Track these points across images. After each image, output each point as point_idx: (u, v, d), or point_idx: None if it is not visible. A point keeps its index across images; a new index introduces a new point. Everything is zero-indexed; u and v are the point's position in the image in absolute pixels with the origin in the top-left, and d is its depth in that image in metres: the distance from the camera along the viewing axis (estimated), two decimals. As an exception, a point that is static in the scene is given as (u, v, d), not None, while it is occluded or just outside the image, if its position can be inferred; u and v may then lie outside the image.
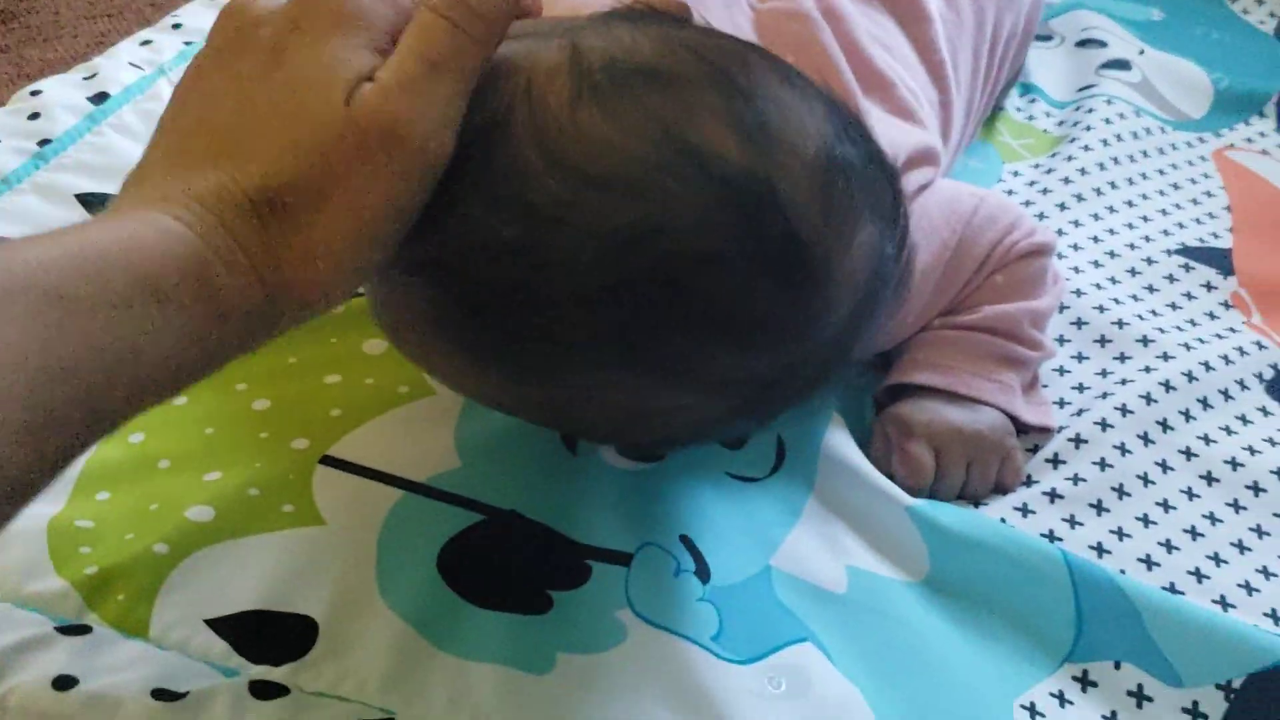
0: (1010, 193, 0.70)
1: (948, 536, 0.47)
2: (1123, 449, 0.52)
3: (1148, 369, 0.56)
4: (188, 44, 0.72)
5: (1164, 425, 0.53)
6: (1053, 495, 0.50)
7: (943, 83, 0.59)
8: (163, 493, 0.46)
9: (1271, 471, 0.52)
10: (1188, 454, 0.52)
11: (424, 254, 0.34)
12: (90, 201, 0.60)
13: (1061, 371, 0.57)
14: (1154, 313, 0.61)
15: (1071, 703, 0.43)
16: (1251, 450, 0.53)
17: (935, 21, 0.60)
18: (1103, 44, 0.82)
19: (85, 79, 0.68)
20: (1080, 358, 0.57)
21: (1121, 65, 0.80)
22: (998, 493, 0.51)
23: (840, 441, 0.51)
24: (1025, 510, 0.50)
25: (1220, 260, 0.65)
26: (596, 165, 0.33)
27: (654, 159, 0.33)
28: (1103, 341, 0.58)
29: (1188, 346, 0.57)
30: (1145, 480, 0.51)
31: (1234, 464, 0.52)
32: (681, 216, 0.33)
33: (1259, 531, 0.50)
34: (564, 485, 0.47)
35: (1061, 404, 0.55)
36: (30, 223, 0.58)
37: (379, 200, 0.31)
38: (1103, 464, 0.51)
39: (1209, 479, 0.51)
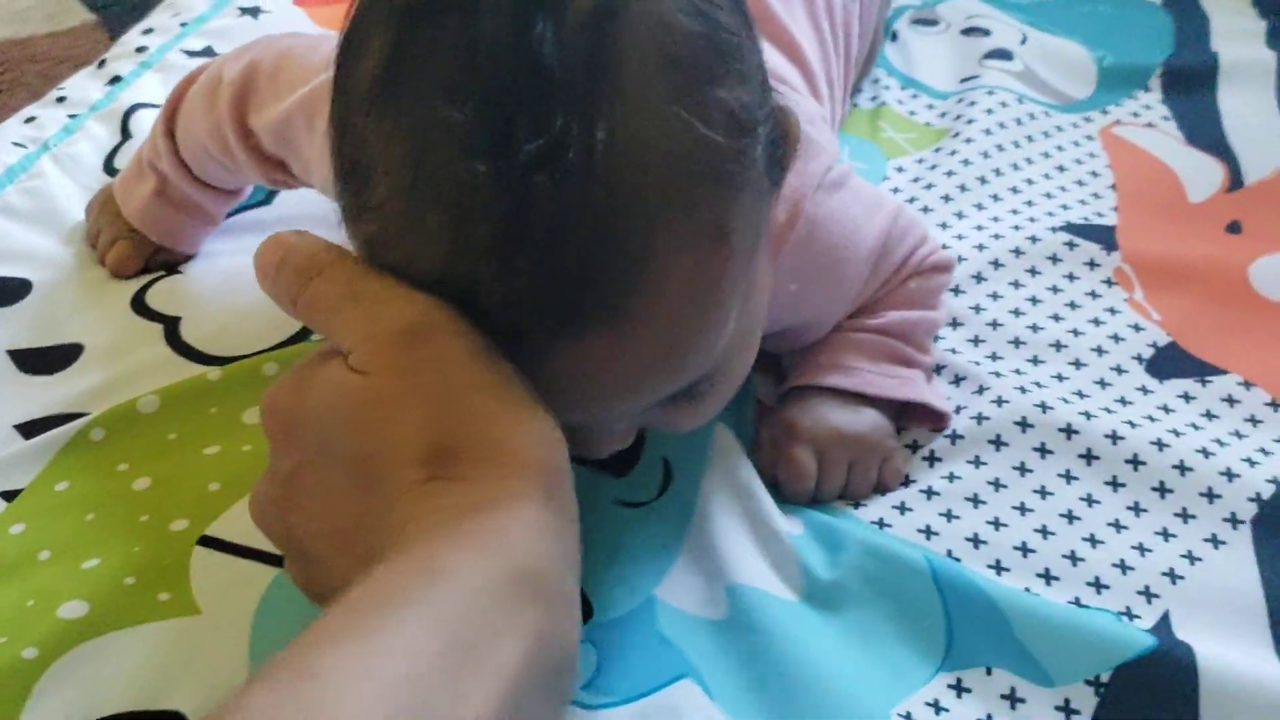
0: (895, 189, 0.70)
1: (823, 554, 0.48)
2: (998, 442, 0.52)
3: (1018, 370, 0.57)
4: (71, 116, 0.73)
5: (1043, 407, 0.54)
6: (929, 493, 0.51)
7: (799, 57, 0.59)
8: (40, 587, 0.46)
9: (1151, 443, 0.52)
10: (1068, 432, 0.52)
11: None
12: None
13: (938, 369, 0.57)
14: (1033, 300, 0.61)
15: (947, 710, 0.44)
16: (1131, 424, 0.53)
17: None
18: (986, 32, 0.82)
19: (-33, 167, 0.68)
20: (954, 351, 0.58)
21: (1004, 55, 0.81)
22: (878, 492, 0.52)
23: (726, 456, 0.51)
24: (903, 508, 0.51)
25: (1104, 236, 0.65)
26: None
27: None
28: (976, 341, 0.59)
29: (1058, 346, 0.58)
30: (1022, 469, 0.52)
31: (1114, 437, 0.52)
32: None
33: (1136, 509, 0.50)
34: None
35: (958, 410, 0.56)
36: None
37: None
38: (977, 461, 0.52)
39: (1089, 457, 0.52)
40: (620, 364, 0.35)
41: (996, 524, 0.50)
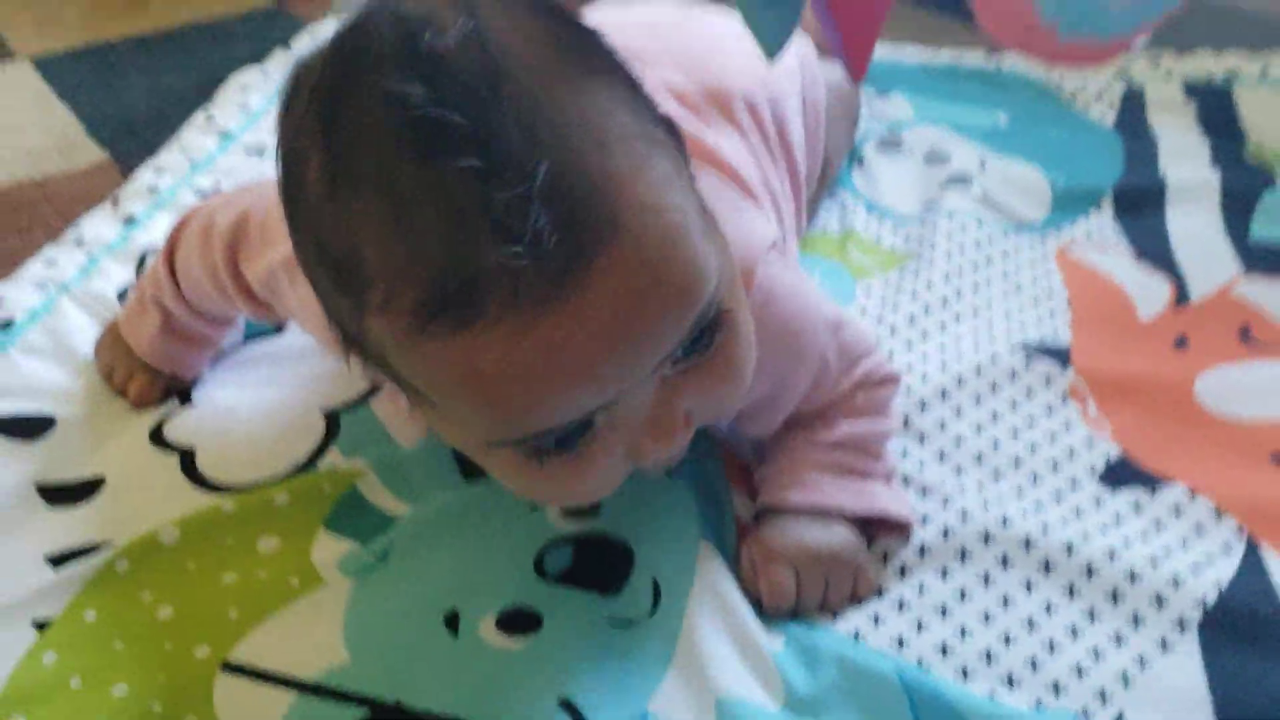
0: (863, 310, 0.75)
1: (802, 669, 0.51)
2: (964, 554, 0.56)
3: (981, 484, 0.61)
4: (89, 258, 0.77)
5: (1004, 521, 0.58)
6: (901, 604, 0.55)
7: (729, 170, 0.63)
8: (73, 714, 0.49)
9: (1104, 553, 0.56)
10: (1027, 545, 0.57)
11: None
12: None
13: (906, 482, 0.61)
14: (994, 416, 0.65)
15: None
16: (1086, 535, 0.57)
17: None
18: (946, 158, 0.88)
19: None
20: (921, 465, 0.62)
21: (963, 180, 0.86)
22: (854, 603, 0.56)
23: (710, 573, 0.55)
24: (877, 620, 0.54)
25: (1059, 354, 0.70)
26: None
27: None
28: (941, 456, 0.63)
29: (1017, 461, 0.62)
30: (986, 579, 0.55)
31: (1070, 548, 0.56)
32: None
33: (1091, 615, 0.54)
34: (446, 670, 0.51)
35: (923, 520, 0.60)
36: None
37: None
38: (944, 572, 0.56)
39: (1047, 567, 0.56)
40: (635, 275, 0.39)
41: (963, 632, 0.53)
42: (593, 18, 0.48)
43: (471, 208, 0.37)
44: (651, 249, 0.39)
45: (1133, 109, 0.96)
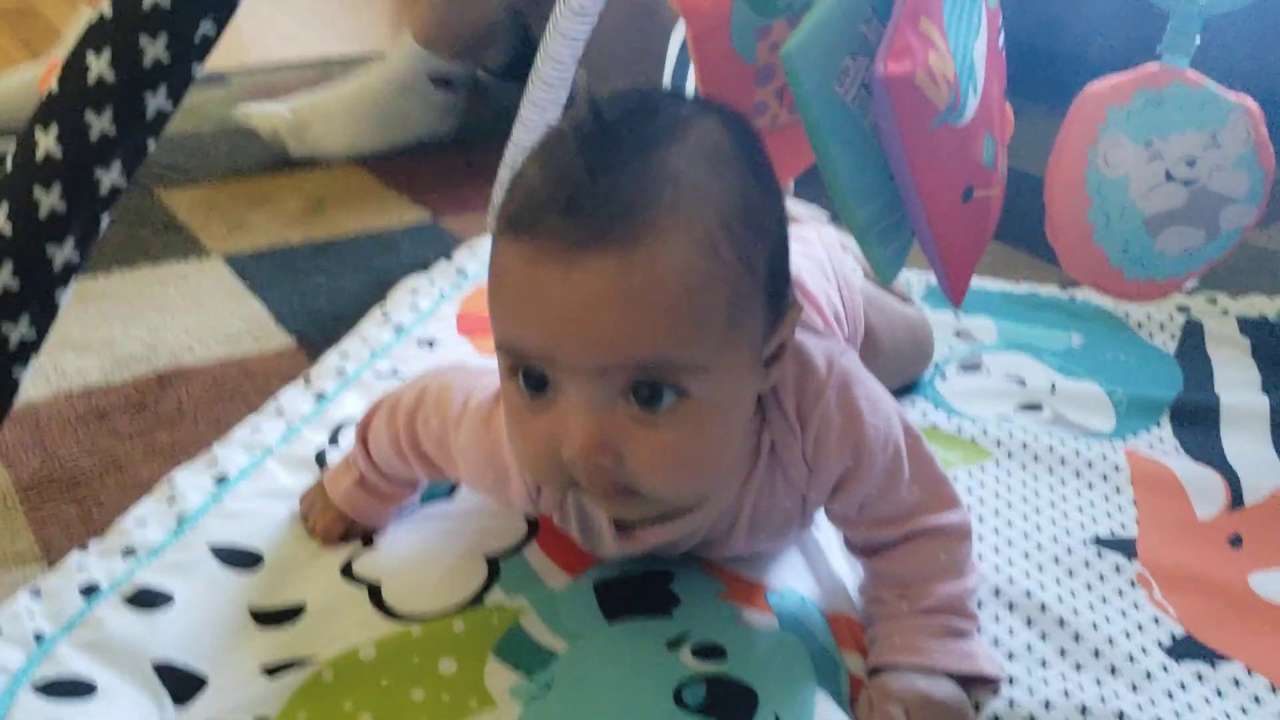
0: (953, 500, 0.85)
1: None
2: (1047, 704, 0.65)
3: (1063, 651, 0.70)
4: (290, 428, 0.91)
5: (1080, 687, 0.66)
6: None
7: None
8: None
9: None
10: (1083, 710, 0.65)
11: None
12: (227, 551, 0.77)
13: (995, 642, 0.70)
14: (1072, 593, 0.75)
15: None
16: (1152, 701, 0.66)
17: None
18: (1022, 383, 1.00)
19: (208, 465, 0.86)
20: (1011, 632, 0.71)
21: (1034, 408, 0.98)
22: None
23: (828, 714, 0.64)
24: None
25: (1127, 547, 0.80)
26: None
27: None
28: (1029, 622, 0.72)
29: (1095, 626, 0.72)
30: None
31: (1121, 717, 0.64)
32: None
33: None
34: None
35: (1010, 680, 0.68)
36: (176, 571, 0.74)
37: None
38: (1026, 725, 0.65)
39: None
40: (625, 286, 0.52)
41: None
42: None
43: (566, 183, 0.54)
44: (648, 281, 0.52)
45: (1193, 339, 1.08)
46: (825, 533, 0.80)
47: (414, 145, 1.67)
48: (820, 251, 0.86)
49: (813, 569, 0.77)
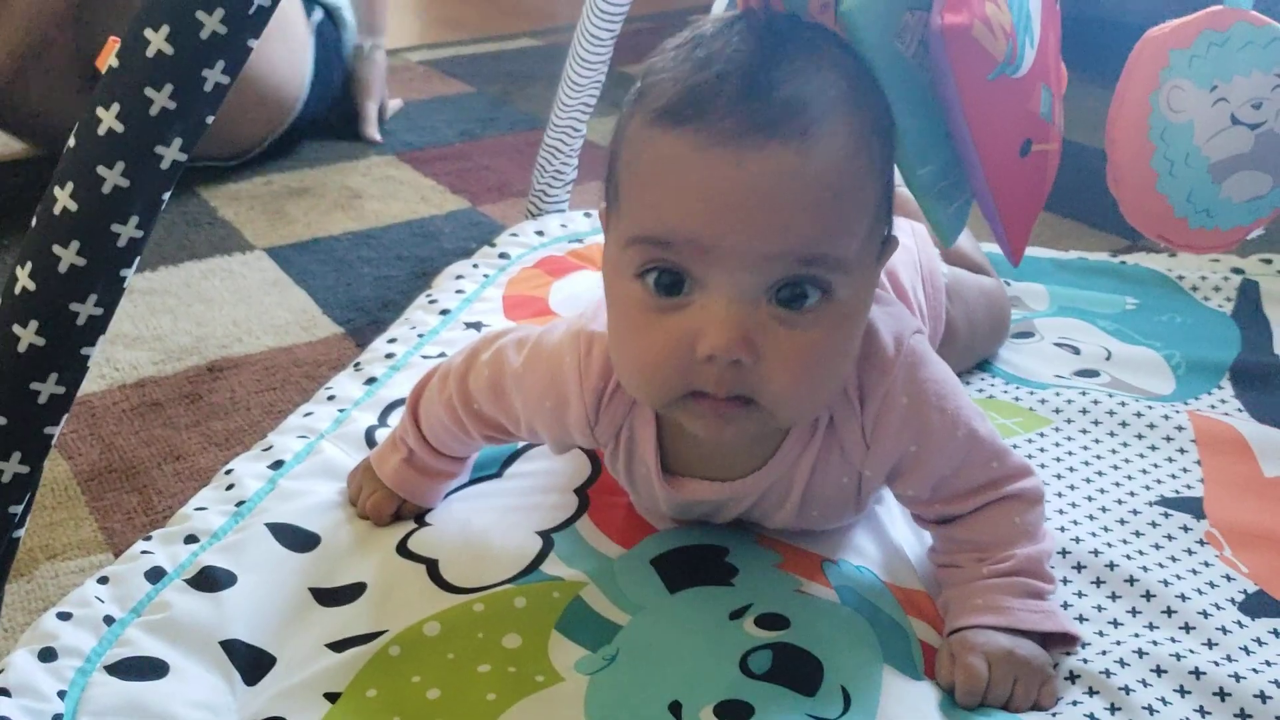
0: (1014, 466, 0.84)
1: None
2: (1125, 689, 0.63)
3: (1134, 610, 0.69)
4: (341, 411, 0.91)
5: (1154, 644, 0.65)
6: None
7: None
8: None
9: (1272, 681, 0.62)
10: (1158, 670, 0.64)
11: None
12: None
13: (1065, 605, 0.69)
14: (1140, 553, 0.74)
15: None
16: (1216, 662, 0.64)
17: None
18: (1076, 350, 0.99)
19: (264, 451, 0.87)
20: (1080, 594, 0.70)
21: (1091, 374, 0.96)
22: (1036, 709, 0.63)
23: (896, 686, 0.64)
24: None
25: (1194, 507, 0.78)
26: None
27: None
28: (1098, 582, 0.71)
29: (1166, 583, 0.70)
30: (1127, 690, 0.63)
31: (1237, 677, 0.63)
32: None
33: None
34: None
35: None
36: (237, 552, 0.75)
37: None
38: (1090, 691, 0.64)
39: (1221, 694, 0.62)
40: (801, 175, 0.54)
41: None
42: None
43: (734, 74, 0.55)
44: (818, 172, 0.54)
45: (1249, 300, 1.06)
46: (886, 505, 0.79)
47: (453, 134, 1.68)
48: (912, 244, 0.86)
49: (873, 540, 0.76)
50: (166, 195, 0.54)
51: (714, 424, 0.60)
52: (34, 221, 0.53)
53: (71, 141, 0.52)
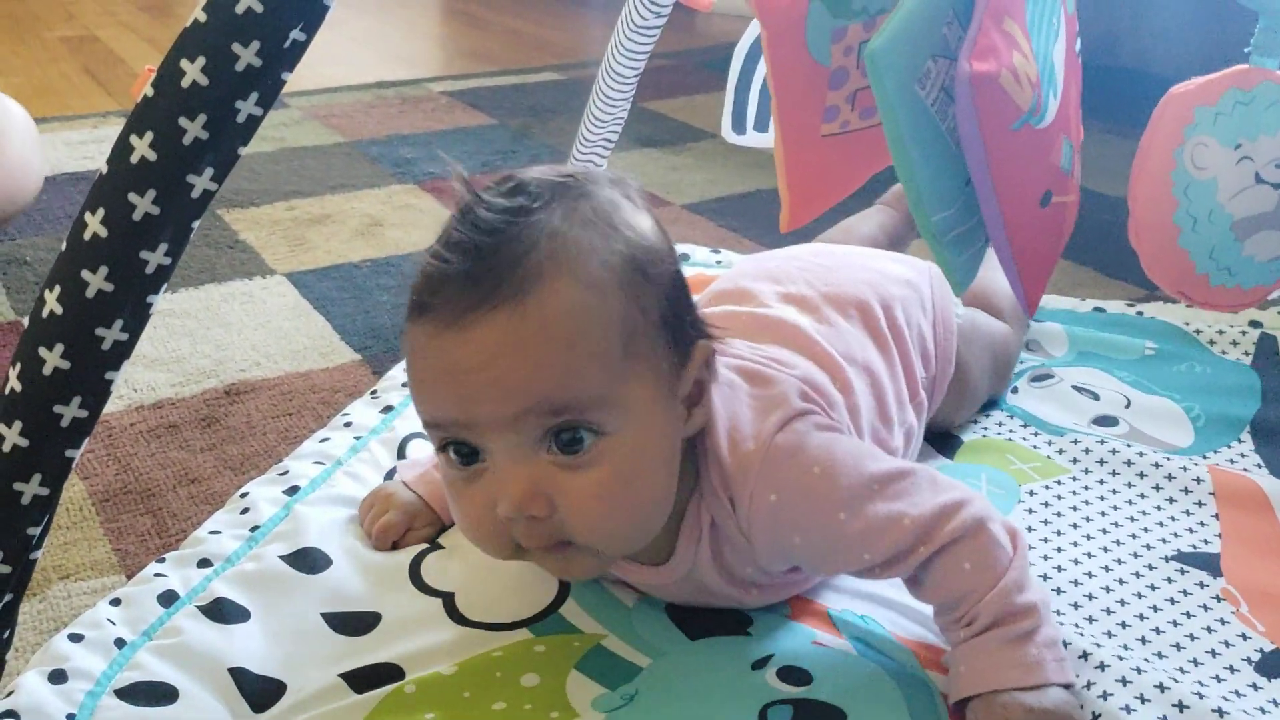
0: (1030, 510, 0.84)
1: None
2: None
3: (1147, 659, 0.68)
4: (357, 438, 0.92)
5: (1180, 707, 0.65)
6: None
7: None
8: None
9: None
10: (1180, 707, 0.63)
11: None
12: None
13: (1084, 657, 0.68)
14: (1155, 609, 0.73)
15: None
16: (1246, 714, 0.63)
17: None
18: (1095, 396, 0.99)
19: (280, 475, 0.87)
20: (1098, 644, 0.69)
21: (1110, 422, 0.96)
22: None
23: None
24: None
25: (1210, 564, 0.78)
26: None
27: None
28: (1110, 633, 0.71)
29: (1178, 646, 0.70)
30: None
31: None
32: None
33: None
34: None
35: (1088, 685, 0.66)
36: (250, 581, 0.75)
37: None
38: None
39: None
40: (520, 332, 0.56)
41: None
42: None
43: (463, 252, 0.58)
44: (539, 327, 0.57)
45: (1267, 354, 1.06)
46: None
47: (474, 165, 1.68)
48: (923, 285, 0.86)
49: (871, 586, 0.76)
50: (196, 224, 0.55)
51: (557, 566, 0.64)
52: (64, 246, 0.54)
53: (104, 168, 0.53)
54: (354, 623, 0.73)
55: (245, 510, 0.82)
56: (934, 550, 0.65)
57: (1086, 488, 0.86)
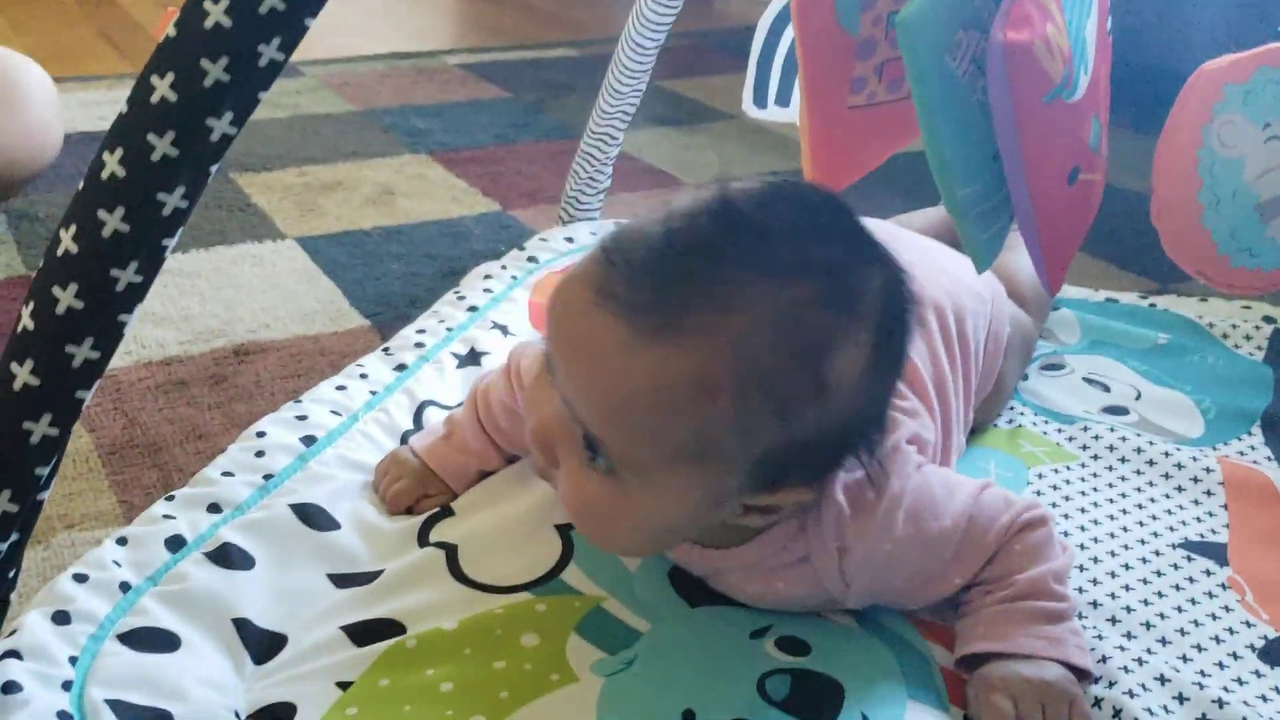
0: (1038, 493, 0.84)
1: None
2: (1150, 711, 0.63)
3: (1149, 650, 0.68)
4: (374, 393, 0.91)
5: (1180, 699, 0.65)
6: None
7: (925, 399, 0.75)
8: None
9: None
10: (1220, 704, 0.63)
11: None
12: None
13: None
14: (1160, 595, 0.73)
15: None
16: (1246, 704, 0.63)
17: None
18: (1106, 388, 0.98)
19: (297, 419, 0.86)
20: (1099, 637, 0.70)
21: (1120, 411, 0.96)
22: None
23: (919, 712, 0.63)
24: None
25: (1217, 553, 0.78)
26: None
27: None
28: (1113, 620, 0.71)
29: (1183, 631, 0.70)
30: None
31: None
32: None
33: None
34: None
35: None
36: (258, 530, 0.74)
37: None
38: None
39: None
40: (612, 359, 0.55)
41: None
42: None
43: (644, 249, 0.56)
44: (631, 367, 0.55)
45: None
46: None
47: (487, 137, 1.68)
48: (989, 303, 0.86)
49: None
50: (214, 168, 0.54)
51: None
52: (81, 185, 0.53)
53: (124, 108, 0.53)
54: (357, 579, 0.73)
55: (260, 454, 0.81)
56: (1002, 543, 0.67)
57: (1095, 474, 0.86)
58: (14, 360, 0.53)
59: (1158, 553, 0.78)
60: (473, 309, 1.06)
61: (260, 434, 0.83)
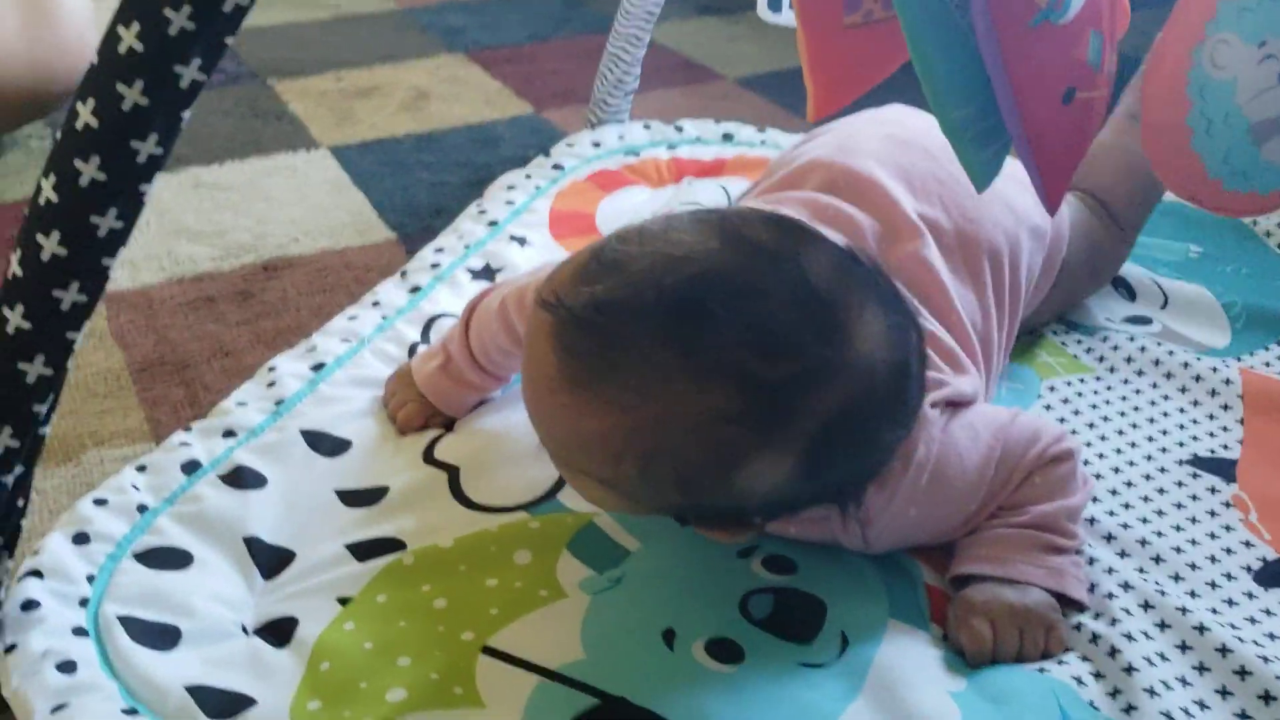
0: (1048, 407, 0.83)
1: (983, 702, 0.60)
2: (1129, 636, 0.63)
3: (1141, 569, 0.68)
4: (385, 318, 0.93)
5: (1162, 626, 0.64)
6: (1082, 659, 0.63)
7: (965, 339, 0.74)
8: (369, 673, 0.62)
9: (1258, 657, 0.61)
10: (1183, 648, 0.63)
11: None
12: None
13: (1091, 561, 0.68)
14: (1160, 513, 0.73)
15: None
16: (1239, 636, 0.63)
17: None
18: (1131, 295, 0.96)
19: (308, 351, 0.89)
20: (1092, 560, 0.69)
21: (1143, 321, 0.93)
22: (1045, 657, 0.63)
23: (898, 631, 0.64)
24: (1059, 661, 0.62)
25: (1226, 469, 0.76)
26: None
27: None
28: (1108, 539, 0.70)
29: (1179, 549, 0.69)
30: (1150, 661, 0.62)
31: (1223, 651, 0.62)
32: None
33: (1242, 716, 0.59)
34: (661, 677, 0.61)
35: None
36: (270, 452, 0.78)
37: None
38: (1113, 651, 0.63)
39: (1200, 669, 0.62)
40: (536, 364, 0.58)
41: (1151, 692, 0.60)
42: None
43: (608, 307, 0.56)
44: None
45: (1324, 249, 1.02)
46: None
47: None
48: (1048, 236, 0.84)
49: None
50: (187, 114, 0.55)
51: None
52: (58, 135, 0.55)
53: (94, 59, 0.53)
54: (364, 496, 0.76)
55: (272, 384, 0.84)
56: (1024, 475, 0.67)
57: (1109, 387, 0.85)
58: (5, 305, 0.56)
59: (1163, 469, 0.77)
60: (493, 223, 1.07)
61: (272, 369, 0.86)
